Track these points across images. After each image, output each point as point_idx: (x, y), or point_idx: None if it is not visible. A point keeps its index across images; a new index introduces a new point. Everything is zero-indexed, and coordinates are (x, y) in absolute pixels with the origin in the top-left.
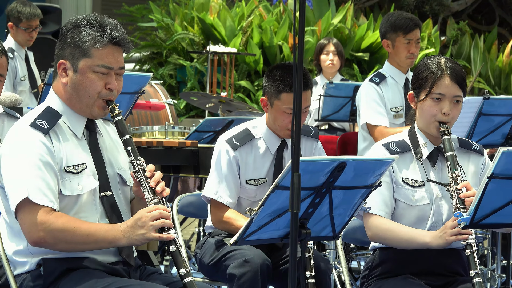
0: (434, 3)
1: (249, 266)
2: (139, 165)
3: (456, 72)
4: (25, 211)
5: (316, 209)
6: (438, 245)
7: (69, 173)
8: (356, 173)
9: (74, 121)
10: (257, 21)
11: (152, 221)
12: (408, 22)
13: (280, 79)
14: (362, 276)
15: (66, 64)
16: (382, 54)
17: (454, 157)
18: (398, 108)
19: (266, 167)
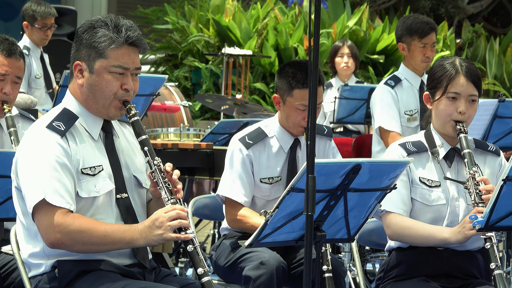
0: (449, 6)
1: (265, 268)
2: (156, 165)
3: (471, 71)
4: (42, 213)
5: (331, 212)
6: (457, 240)
7: (86, 175)
8: (371, 175)
9: (90, 123)
10: (273, 23)
11: (170, 221)
12: (424, 26)
13: (292, 76)
14: (377, 278)
15: (82, 65)
16: (397, 56)
17: (471, 154)
18: (412, 111)
19: (280, 165)
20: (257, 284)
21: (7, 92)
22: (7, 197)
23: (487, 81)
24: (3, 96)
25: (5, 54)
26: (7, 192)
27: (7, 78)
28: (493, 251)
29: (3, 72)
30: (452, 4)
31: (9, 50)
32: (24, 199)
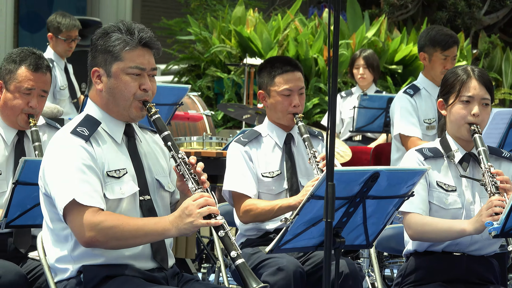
0: (466, 17)
1: (283, 274)
2: (180, 158)
3: (483, 75)
4: (73, 214)
5: (350, 218)
6: (475, 228)
7: (111, 178)
8: (389, 183)
9: (113, 127)
10: (293, 34)
11: (199, 209)
12: (447, 39)
13: (270, 66)
14: (395, 283)
15: (99, 71)
16: (415, 66)
17: (486, 151)
18: (431, 119)
19: (278, 160)
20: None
21: (33, 106)
22: (34, 204)
23: (503, 91)
24: (29, 109)
25: (31, 69)
26: (34, 199)
27: (33, 92)
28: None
29: (29, 86)
30: (469, 15)
31: (36, 64)
32: (52, 205)
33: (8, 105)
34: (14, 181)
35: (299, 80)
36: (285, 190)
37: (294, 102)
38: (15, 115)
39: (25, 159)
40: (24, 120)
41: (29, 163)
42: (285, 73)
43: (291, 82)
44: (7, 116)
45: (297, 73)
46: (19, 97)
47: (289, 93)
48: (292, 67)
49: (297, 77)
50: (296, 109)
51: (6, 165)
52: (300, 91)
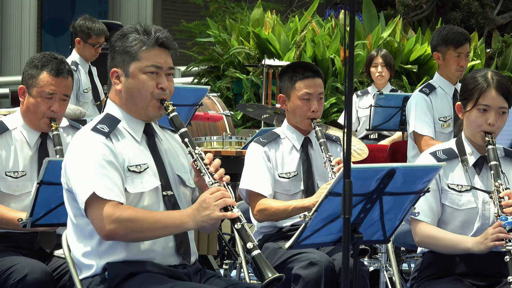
0: (479, 17)
1: (316, 268)
2: (197, 154)
3: (502, 84)
4: (94, 207)
5: (368, 214)
6: (479, 250)
7: (132, 172)
8: (405, 179)
9: (132, 125)
10: (310, 35)
11: (216, 201)
12: (459, 37)
13: (292, 71)
14: (412, 278)
15: (118, 72)
16: (430, 66)
17: (497, 166)
18: (446, 117)
19: (295, 162)
20: (306, 282)
21: (55, 110)
22: (58, 204)
23: None
24: (51, 113)
25: (53, 74)
26: (58, 198)
27: (55, 97)
28: (511, 264)
29: (50, 91)
30: (482, 15)
31: (57, 69)
32: (74, 200)
33: (30, 109)
34: (38, 181)
35: (319, 86)
36: (301, 191)
37: (313, 107)
38: (37, 119)
39: (49, 159)
40: (46, 124)
41: (53, 164)
42: (306, 78)
43: (311, 88)
44: (30, 119)
45: (318, 80)
46: (41, 102)
47: (309, 97)
48: (313, 73)
49: (317, 83)
50: (315, 114)
51: (30, 166)
52: (319, 96)
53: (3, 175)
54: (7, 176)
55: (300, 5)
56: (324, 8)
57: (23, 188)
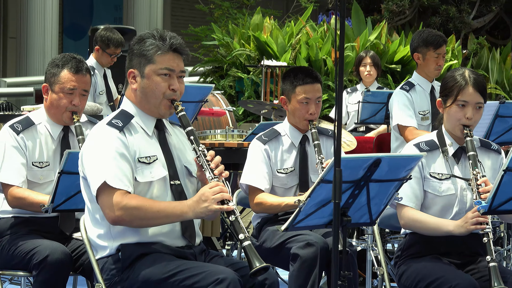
0: (456, 21)
1: (312, 248)
2: (200, 151)
3: (479, 82)
4: (104, 194)
5: (356, 200)
6: (460, 233)
7: (142, 163)
8: (390, 168)
9: (145, 121)
10: (305, 38)
11: (214, 195)
12: (438, 39)
13: (293, 76)
14: (396, 256)
15: (134, 72)
16: (412, 66)
17: (475, 156)
18: (425, 111)
19: (293, 158)
20: (303, 261)
21: (76, 104)
22: (77, 191)
23: (489, 86)
24: (72, 107)
25: (73, 71)
26: (77, 186)
27: (75, 92)
28: (489, 246)
29: (71, 87)
30: (459, 20)
31: (77, 67)
32: (89, 187)
33: (54, 105)
34: (59, 171)
35: (317, 91)
36: (296, 185)
37: (310, 110)
38: (60, 113)
39: (69, 151)
40: (68, 117)
41: (72, 155)
42: (305, 84)
43: (309, 93)
44: (53, 114)
45: (316, 85)
46: (63, 97)
47: (307, 101)
48: (312, 79)
49: (315, 89)
50: (312, 117)
51: (53, 157)
52: (317, 100)
53: (30, 165)
54: (34, 166)
55: (296, 11)
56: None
57: (47, 177)
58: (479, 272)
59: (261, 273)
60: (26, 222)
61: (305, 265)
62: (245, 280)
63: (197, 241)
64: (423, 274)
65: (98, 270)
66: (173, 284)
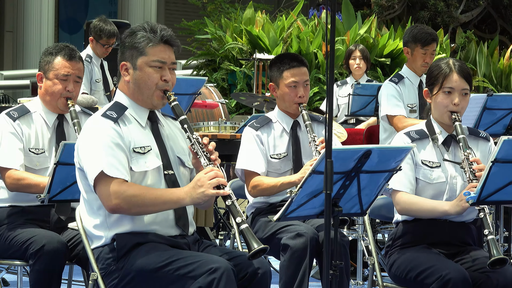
0: (445, 16)
1: (302, 239)
2: (195, 138)
3: (463, 69)
4: (101, 184)
5: (347, 190)
6: (456, 211)
7: (137, 153)
8: (380, 159)
9: (138, 112)
10: (296, 32)
11: (210, 180)
12: (427, 37)
13: (280, 62)
14: (386, 246)
15: (127, 65)
16: (401, 59)
17: (465, 139)
18: (413, 104)
19: (285, 144)
20: (293, 251)
21: (70, 90)
22: (72, 182)
23: (477, 79)
24: (67, 93)
25: (66, 58)
26: (73, 177)
27: (69, 78)
28: (486, 220)
29: (65, 73)
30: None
31: (70, 54)
32: (85, 178)
33: (48, 91)
34: (55, 162)
35: (304, 74)
36: (290, 169)
37: (299, 93)
38: (55, 99)
39: (65, 143)
40: (63, 104)
41: (68, 146)
42: (292, 68)
43: (297, 76)
44: (48, 101)
45: (303, 68)
46: (58, 83)
47: (295, 85)
48: (299, 62)
49: (302, 72)
50: (301, 100)
51: (49, 145)
52: (305, 83)
53: (27, 151)
54: (30, 152)
55: (287, 6)
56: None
57: (43, 164)
58: (469, 262)
59: (260, 255)
60: (22, 213)
61: (295, 256)
62: (238, 269)
63: (190, 230)
64: (414, 264)
65: (93, 259)
66: (167, 273)
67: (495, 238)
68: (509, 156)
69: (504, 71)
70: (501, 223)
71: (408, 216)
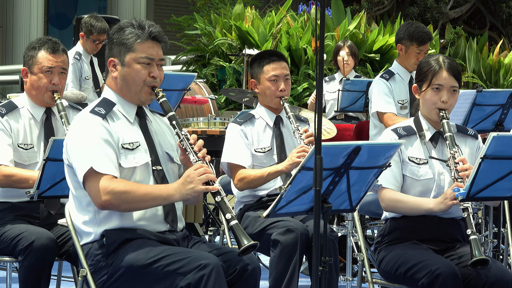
0: (434, 11)
1: (292, 234)
2: (183, 135)
3: (452, 66)
4: (91, 180)
5: (336, 187)
6: (440, 209)
7: (126, 149)
8: (369, 155)
9: (126, 108)
10: (285, 28)
11: (199, 176)
12: (424, 36)
13: (259, 58)
14: (375, 242)
15: (115, 61)
16: (390, 55)
17: (452, 137)
18: (403, 101)
19: (269, 138)
20: (283, 246)
21: (55, 82)
22: (62, 178)
23: (466, 75)
24: (52, 86)
25: (49, 51)
26: (62, 173)
27: (54, 71)
28: (469, 219)
29: (50, 65)
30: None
31: (53, 47)
32: (74, 174)
33: (34, 86)
34: (44, 157)
35: (284, 68)
36: (275, 163)
37: (280, 87)
38: (41, 93)
39: (54, 139)
40: (49, 97)
41: (58, 142)
42: (272, 62)
43: (277, 70)
44: (35, 96)
45: (282, 63)
46: (43, 77)
47: (276, 78)
48: (278, 57)
49: (282, 66)
50: (283, 93)
51: (37, 140)
52: (285, 77)
53: (16, 146)
54: (19, 148)
55: (276, 1)
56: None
57: (32, 159)
58: (458, 258)
59: (250, 251)
60: (12, 209)
61: (285, 251)
62: (227, 265)
63: (179, 226)
64: (403, 260)
65: (83, 255)
66: (156, 270)
67: (478, 238)
68: (498, 152)
69: (493, 67)
70: (491, 219)
71: (393, 213)
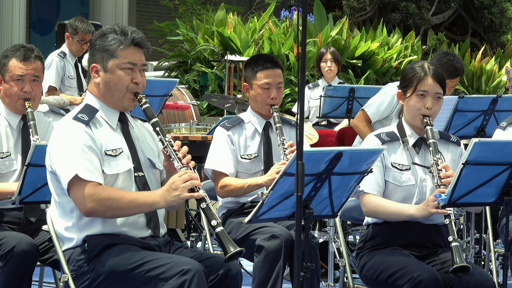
0: (416, 18)
1: (277, 240)
2: (167, 141)
3: (437, 73)
4: (76, 187)
5: (318, 192)
6: (422, 216)
7: (109, 156)
8: (351, 161)
9: (109, 114)
10: (267, 34)
11: (184, 183)
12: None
13: (254, 62)
14: (357, 248)
15: (97, 67)
16: (372, 61)
17: (435, 143)
18: None
19: (256, 144)
20: (268, 252)
21: (27, 90)
22: (43, 183)
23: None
24: (24, 94)
25: (20, 59)
26: (44, 179)
27: (25, 79)
28: (451, 226)
29: (20, 73)
30: (419, 16)
31: (24, 55)
32: (57, 181)
33: (7, 94)
34: (26, 163)
35: (278, 76)
36: (261, 170)
37: (272, 95)
38: (14, 101)
39: (36, 144)
40: (22, 105)
41: (39, 148)
42: (266, 69)
43: (270, 78)
44: (8, 104)
45: (277, 70)
46: (14, 85)
47: (268, 86)
48: (273, 64)
49: (276, 73)
50: (274, 101)
51: (14, 147)
52: (278, 85)
53: None
54: None
55: (259, 7)
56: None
57: (9, 167)
58: (440, 264)
59: (236, 257)
60: None
61: (269, 257)
62: (209, 270)
63: (161, 232)
64: (385, 265)
65: (64, 261)
66: (138, 275)
67: (459, 245)
68: (480, 158)
69: (475, 73)
70: (472, 225)
71: (375, 218)
